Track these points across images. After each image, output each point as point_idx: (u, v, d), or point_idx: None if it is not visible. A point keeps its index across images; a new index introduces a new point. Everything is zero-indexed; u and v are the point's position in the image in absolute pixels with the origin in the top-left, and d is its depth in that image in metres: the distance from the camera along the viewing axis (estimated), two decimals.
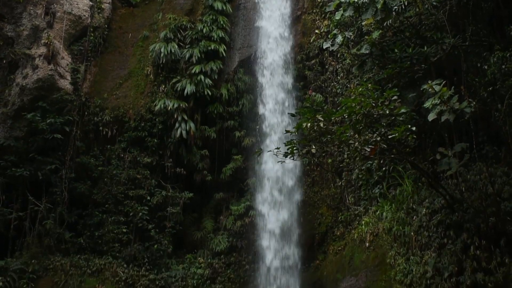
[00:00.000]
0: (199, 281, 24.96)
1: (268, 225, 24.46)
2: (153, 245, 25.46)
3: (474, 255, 14.97)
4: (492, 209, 14.95)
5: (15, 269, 21.97)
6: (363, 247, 20.44)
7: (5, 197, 23.86)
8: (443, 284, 15.57)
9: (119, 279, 23.71)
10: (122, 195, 25.91)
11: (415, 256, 17.45)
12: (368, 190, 21.92)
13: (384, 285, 18.61)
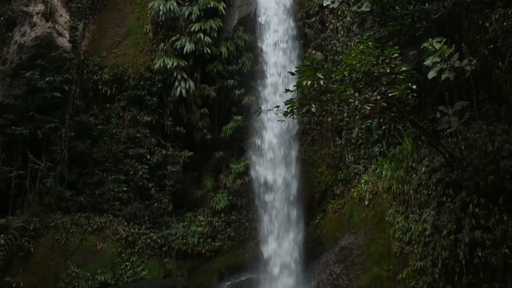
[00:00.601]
0: (199, 239, 25.16)
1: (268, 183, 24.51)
2: (154, 203, 25.60)
3: (472, 213, 15.05)
4: (492, 167, 14.98)
5: (16, 227, 22.09)
6: (362, 205, 20.55)
7: (5, 155, 23.88)
8: (442, 242, 15.68)
9: (119, 237, 23.88)
10: (122, 153, 25.95)
11: (414, 214, 17.57)
12: (368, 149, 21.95)
13: (383, 242, 18.77)
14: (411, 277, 17.00)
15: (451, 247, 15.40)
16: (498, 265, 14.45)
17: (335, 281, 19.47)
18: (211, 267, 24.90)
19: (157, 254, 24.40)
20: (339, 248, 20.10)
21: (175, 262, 24.57)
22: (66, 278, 22.27)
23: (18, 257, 21.96)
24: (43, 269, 22.27)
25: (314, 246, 22.68)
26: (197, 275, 24.73)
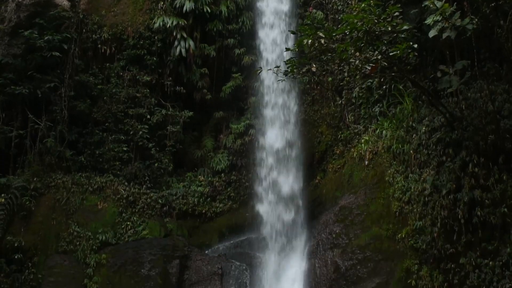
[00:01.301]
0: (199, 199, 25.25)
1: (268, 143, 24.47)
2: (154, 163, 25.64)
3: (472, 172, 15.11)
4: (492, 127, 14.98)
5: (17, 186, 22.15)
6: (362, 165, 20.61)
7: (5, 115, 23.78)
8: (441, 201, 15.78)
9: (120, 197, 23.96)
10: (122, 113, 25.88)
11: (414, 174, 17.64)
12: (368, 109, 21.91)
13: (382, 202, 18.88)
14: (410, 236, 17.16)
15: (450, 206, 15.52)
16: (497, 224, 14.60)
17: (334, 240, 19.61)
18: (212, 226, 25.05)
19: (158, 214, 24.51)
20: (338, 207, 20.19)
21: (176, 221, 24.69)
22: (67, 237, 22.40)
23: (19, 216, 22.08)
24: (44, 228, 22.40)
25: (314, 205, 22.79)
26: (197, 234, 24.90)
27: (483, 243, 14.79)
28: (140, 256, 22.09)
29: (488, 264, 14.47)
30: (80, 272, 21.76)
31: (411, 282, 16.65)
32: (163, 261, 21.94)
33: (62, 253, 22.12)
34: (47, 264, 21.73)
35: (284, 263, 21.72)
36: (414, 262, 16.85)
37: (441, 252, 15.76)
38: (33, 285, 21.15)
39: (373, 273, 18.01)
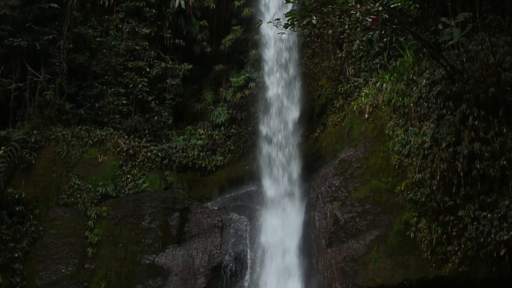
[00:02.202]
0: (199, 152, 25.32)
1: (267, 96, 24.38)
2: (154, 116, 25.61)
3: (472, 125, 15.08)
4: (493, 79, 14.90)
5: (17, 139, 22.15)
6: (362, 118, 20.57)
7: (4, 67, 23.63)
8: (440, 154, 15.78)
9: (120, 150, 24.00)
10: (121, 66, 25.77)
11: (414, 127, 17.61)
12: (369, 62, 21.76)
13: (382, 155, 18.89)
14: (410, 189, 17.23)
15: (450, 159, 15.52)
16: (496, 176, 14.62)
17: (334, 193, 19.69)
18: (212, 179, 25.18)
19: (158, 167, 24.59)
20: (338, 161, 20.22)
21: (176, 175, 24.79)
22: (68, 190, 22.54)
23: (20, 169, 22.17)
24: (45, 181, 22.53)
25: (313, 159, 22.85)
26: (197, 187, 25.04)
27: (482, 196, 14.84)
28: (140, 208, 22.25)
29: (486, 216, 14.53)
30: (81, 225, 21.97)
31: (409, 234, 16.77)
32: (164, 213, 22.10)
33: (63, 205, 22.31)
34: (48, 216, 21.93)
35: (284, 216, 21.82)
36: (413, 214, 16.94)
37: (440, 205, 15.82)
38: (35, 237, 21.39)
39: (372, 225, 18.13)
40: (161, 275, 20.92)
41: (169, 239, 21.75)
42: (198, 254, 21.09)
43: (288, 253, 20.77)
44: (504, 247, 14.06)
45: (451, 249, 15.54)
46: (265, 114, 24.17)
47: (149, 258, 21.27)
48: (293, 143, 23.23)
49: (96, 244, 21.64)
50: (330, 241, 19.12)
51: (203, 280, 20.50)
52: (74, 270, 21.18)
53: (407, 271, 16.65)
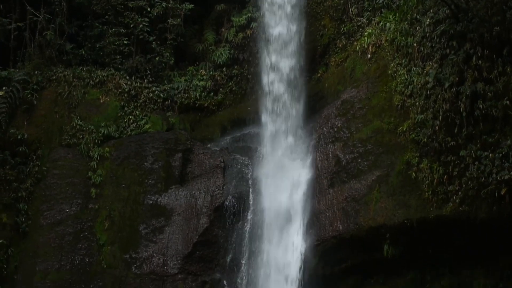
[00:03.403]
0: (201, 92, 25.20)
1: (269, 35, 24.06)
2: (155, 57, 25.40)
3: (475, 65, 14.97)
4: (497, 18, 14.71)
5: (18, 79, 22.07)
6: (365, 58, 20.43)
7: (3, 6, 23.39)
8: (443, 94, 15.72)
9: (122, 91, 23.91)
10: (121, 6, 25.41)
11: (417, 67, 17.51)
12: (372, 1, 21.50)
13: (384, 96, 18.83)
14: (412, 129, 17.22)
15: (453, 99, 15.47)
16: (498, 116, 14.59)
17: (336, 134, 19.73)
18: (214, 120, 25.14)
19: (160, 108, 24.51)
20: (340, 101, 20.18)
21: (178, 115, 24.74)
22: (70, 131, 22.59)
23: (21, 110, 22.20)
24: (47, 122, 22.57)
25: (315, 100, 22.77)
26: (199, 128, 25.02)
27: (484, 136, 14.83)
28: (143, 149, 22.34)
29: (488, 156, 14.55)
30: (84, 165, 22.10)
31: (411, 174, 16.84)
32: (166, 154, 22.19)
33: (65, 146, 22.41)
34: (51, 157, 22.06)
35: (285, 157, 21.86)
36: (414, 155, 16.98)
37: (441, 145, 15.84)
38: (38, 177, 21.57)
39: (374, 166, 18.22)
40: (164, 215, 21.14)
41: (172, 179, 21.89)
42: (200, 194, 21.24)
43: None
44: (505, 186, 14.11)
45: (452, 189, 15.64)
46: (267, 54, 23.90)
47: (152, 198, 21.45)
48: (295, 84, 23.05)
49: (99, 184, 21.80)
50: (332, 182, 19.25)
51: (205, 220, 20.72)
52: (78, 210, 21.43)
53: (408, 210, 16.79)
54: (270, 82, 23.15)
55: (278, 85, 23.02)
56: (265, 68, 23.47)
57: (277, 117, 22.70)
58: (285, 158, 21.77)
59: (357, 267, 18.60)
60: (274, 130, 22.50)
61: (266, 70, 23.40)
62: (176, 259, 20.42)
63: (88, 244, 21.00)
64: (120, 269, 20.55)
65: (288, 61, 23.20)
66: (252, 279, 20.01)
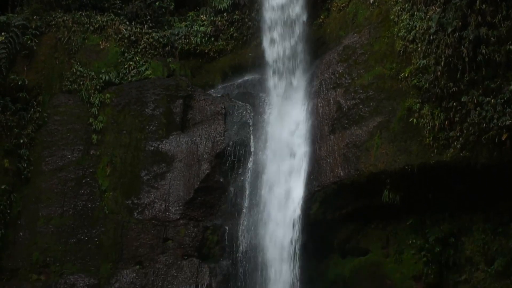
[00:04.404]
0: (202, 38, 24.95)
1: None
2: (155, 2, 25.00)
3: (479, 9, 14.79)
4: None
5: (17, 24, 21.85)
6: (367, 3, 20.22)
7: None
8: (446, 39, 15.60)
9: (122, 36, 23.71)
10: None
11: (420, 12, 17.33)
12: None
13: (386, 41, 18.70)
14: (413, 75, 17.14)
15: (455, 44, 15.33)
16: (501, 61, 14.49)
17: (337, 80, 19.66)
18: (215, 66, 24.98)
19: (160, 54, 24.34)
20: (342, 47, 20.04)
21: (178, 62, 24.58)
22: (70, 77, 22.51)
23: (21, 55, 22.06)
24: (47, 68, 22.47)
25: (317, 45, 22.54)
26: (200, 74, 24.89)
27: (486, 81, 14.75)
28: (143, 96, 22.29)
29: (489, 102, 14.49)
30: (85, 111, 22.11)
31: (412, 120, 16.82)
32: (167, 100, 22.14)
33: (66, 92, 22.38)
34: (52, 103, 22.06)
35: (287, 103, 21.79)
36: (416, 101, 16.92)
37: (443, 91, 15.77)
38: (39, 123, 21.62)
39: (375, 112, 18.18)
40: (166, 161, 21.24)
41: (173, 126, 21.90)
42: (201, 141, 21.29)
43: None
44: (506, 132, 14.11)
45: (453, 134, 15.64)
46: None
47: (153, 144, 21.52)
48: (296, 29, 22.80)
49: (100, 130, 21.84)
50: (333, 128, 19.26)
51: (207, 166, 20.82)
52: (79, 156, 21.52)
53: (409, 156, 16.83)
54: (271, 27, 22.89)
55: (279, 30, 22.75)
56: (266, 13, 23.19)
57: (278, 63, 22.54)
58: (286, 104, 21.68)
59: (358, 213, 18.79)
60: (275, 76, 22.36)
61: (267, 16, 23.12)
62: (177, 205, 20.60)
63: (90, 190, 21.16)
64: (122, 215, 20.74)
65: (289, 6, 22.87)
66: (252, 225, 20.20)
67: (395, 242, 18.24)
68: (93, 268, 20.12)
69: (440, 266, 17.28)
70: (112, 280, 19.92)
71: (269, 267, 19.59)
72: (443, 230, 17.28)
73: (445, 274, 17.21)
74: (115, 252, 20.32)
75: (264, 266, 19.66)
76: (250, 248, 19.94)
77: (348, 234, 19.37)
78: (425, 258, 17.33)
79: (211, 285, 19.53)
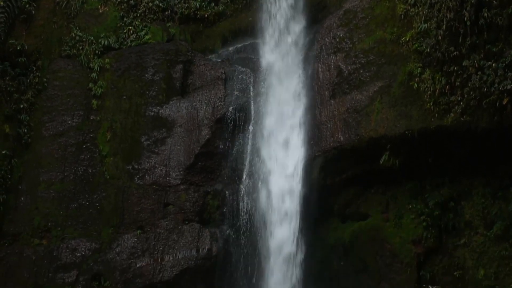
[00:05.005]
0: (201, 3, 24.59)
1: None
2: None
3: None
4: None
5: None
6: None
7: None
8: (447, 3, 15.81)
9: (121, 1, 23.38)
10: None
11: None
12: None
13: (387, 5, 18.64)
14: (415, 39, 17.09)
15: (457, 8, 15.25)
16: (503, 25, 14.44)
17: (338, 44, 19.57)
18: (214, 31, 24.76)
19: (160, 19, 24.12)
20: (343, 11, 19.91)
21: (178, 26, 24.37)
22: (69, 42, 22.39)
23: (20, 20, 21.80)
24: (46, 32, 22.28)
25: (318, 9, 22.31)
26: (200, 39, 24.72)
27: (488, 45, 14.70)
28: (143, 61, 22.21)
29: (491, 66, 14.45)
30: (85, 76, 22.05)
31: (413, 85, 16.80)
32: (167, 66, 22.07)
33: (65, 57, 22.27)
34: (51, 68, 21.96)
35: (287, 69, 21.71)
36: (417, 65, 16.88)
37: (444, 55, 15.72)
38: (39, 89, 21.54)
39: (376, 76, 18.13)
40: (166, 127, 21.25)
41: (173, 91, 21.86)
42: (202, 106, 21.28)
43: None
44: (507, 96, 14.14)
45: (454, 99, 15.64)
46: None
47: (153, 110, 21.50)
48: None
49: (100, 96, 21.81)
50: (333, 93, 19.23)
51: (207, 132, 20.84)
52: (79, 121, 21.52)
53: (409, 121, 16.85)
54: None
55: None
56: None
57: (278, 27, 22.38)
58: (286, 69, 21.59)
59: (358, 178, 18.88)
60: (276, 40, 22.23)
61: None
62: (178, 170, 20.65)
63: (90, 155, 21.19)
64: (123, 180, 20.81)
65: None
66: (252, 189, 20.28)
67: (395, 207, 18.31)
68: (95, 233, 20.25)
69: (440, 230, 17.40)
70: (114, 245, 20.06)
71: (270, 232, 19.72)
72: (443, 194, 17.35)
73: (444, 238, 17.33)
74: (116, 217, 20.44)
75: (265, 231, 19.79)
76: (251, 212, 20.04)
77: (348, 199, 19.46)
78: (424, 223, 17.43)
79: (212, 249, 19.66)
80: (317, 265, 19.36)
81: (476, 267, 16.46)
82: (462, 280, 16.69)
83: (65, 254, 19.90)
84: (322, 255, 19.47)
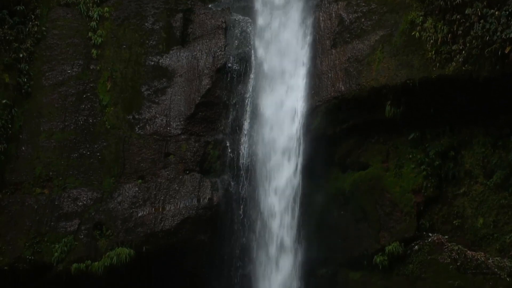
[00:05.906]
0: None
1: None
2: None
3: None
4: None
5: None
6: None
7: None
8: None
9: None
10: None
11: None
12: None
13: None
14: None
15: None
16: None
17: None
18: None
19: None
20: None
21: None
22: None
23: None
24: None
25: None
26: None
27: None
28: (143, 9, 21.96)
29: (494, 14, 14.34)
30: (84, 25, 21.81)
31: (415, 34, 16.71)
32: (167, 14, 21.84)
33: (64, 5, 21.96)
34: (50, 17, 21.72)
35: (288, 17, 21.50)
36: (419, 13, 16.75)
37: (447, 3, 15.60)
38: (38, 38, 21.34)
39: (377, 25, 18.01)
40: (166, 76, 21.14)
41: (173, 40, 21.69)
42: (202, 55, 21.14)
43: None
44: (509, 45, 14.06)
45: (456, 48, 15.55)
46: None
47: (153, 59, 21.35)
48: None
49: (100, 45, 21.61)
50: (334, 42, 19.13)
51: (207, 81, 20.75)
52: (79, 71, 21.36)
53: (411, 70, 16.79)
54: None
55: None
56: None
57: None
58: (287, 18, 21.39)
59: (359, 127, 18.86)
60: None
61: None
62: (178, 120, 20.61)
63: (91, 105, 21.12)
64: (124, 130, 20.78)
65: None
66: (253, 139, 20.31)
67: (395, 156, 18.32)
68: (96, 182, 20.30)
69: (440, 179, 17.47)
70: (115, 194, 20.13)
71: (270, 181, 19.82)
72: (443, 144, 17.38)
73: (444, 187, 17.42)
74: (117, 167, 20.46)
75: (266, 180, 19.89)
76: (251, 162, 20.10)
77: (349, 149, 19.45)
78: (424, 172, 17.48)
79: (213, 198, 19.75)
80: (317, 214, 19.48)
81: (475, 216, 16.59)
82: (461, 228, 16.84)
83: (66, 203, 19.97)
84: (322, 204, 19.56)
